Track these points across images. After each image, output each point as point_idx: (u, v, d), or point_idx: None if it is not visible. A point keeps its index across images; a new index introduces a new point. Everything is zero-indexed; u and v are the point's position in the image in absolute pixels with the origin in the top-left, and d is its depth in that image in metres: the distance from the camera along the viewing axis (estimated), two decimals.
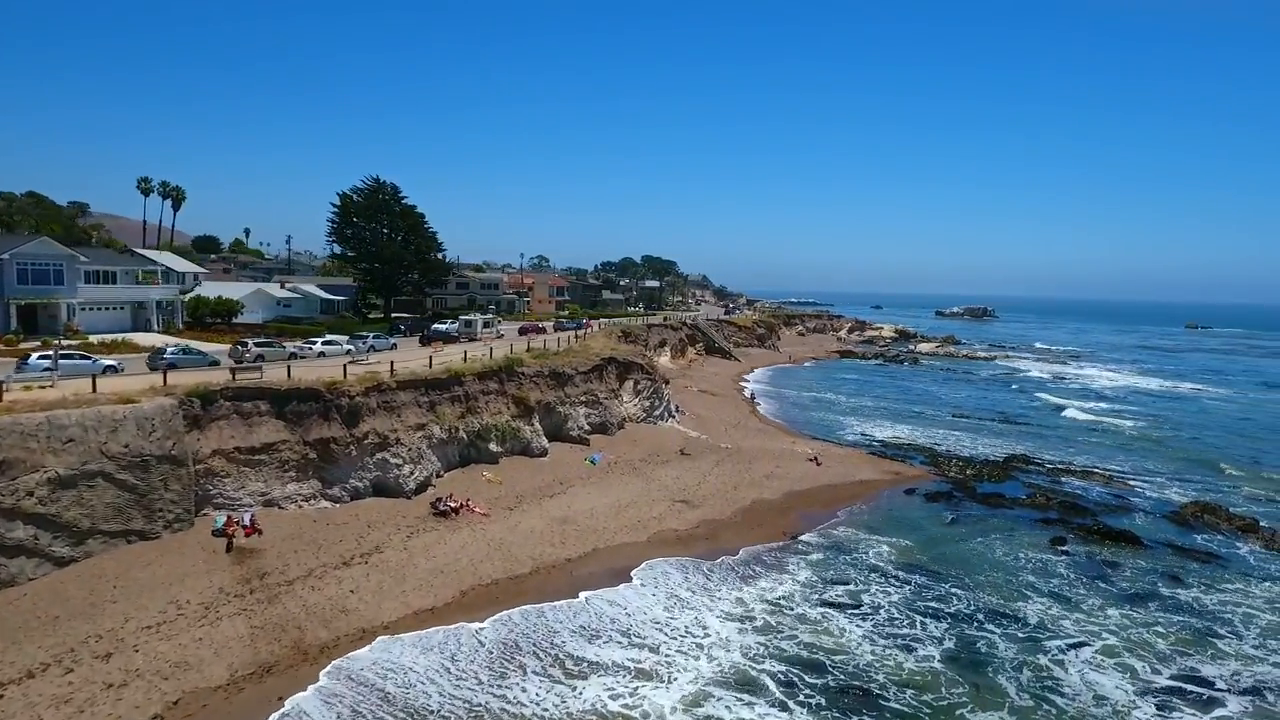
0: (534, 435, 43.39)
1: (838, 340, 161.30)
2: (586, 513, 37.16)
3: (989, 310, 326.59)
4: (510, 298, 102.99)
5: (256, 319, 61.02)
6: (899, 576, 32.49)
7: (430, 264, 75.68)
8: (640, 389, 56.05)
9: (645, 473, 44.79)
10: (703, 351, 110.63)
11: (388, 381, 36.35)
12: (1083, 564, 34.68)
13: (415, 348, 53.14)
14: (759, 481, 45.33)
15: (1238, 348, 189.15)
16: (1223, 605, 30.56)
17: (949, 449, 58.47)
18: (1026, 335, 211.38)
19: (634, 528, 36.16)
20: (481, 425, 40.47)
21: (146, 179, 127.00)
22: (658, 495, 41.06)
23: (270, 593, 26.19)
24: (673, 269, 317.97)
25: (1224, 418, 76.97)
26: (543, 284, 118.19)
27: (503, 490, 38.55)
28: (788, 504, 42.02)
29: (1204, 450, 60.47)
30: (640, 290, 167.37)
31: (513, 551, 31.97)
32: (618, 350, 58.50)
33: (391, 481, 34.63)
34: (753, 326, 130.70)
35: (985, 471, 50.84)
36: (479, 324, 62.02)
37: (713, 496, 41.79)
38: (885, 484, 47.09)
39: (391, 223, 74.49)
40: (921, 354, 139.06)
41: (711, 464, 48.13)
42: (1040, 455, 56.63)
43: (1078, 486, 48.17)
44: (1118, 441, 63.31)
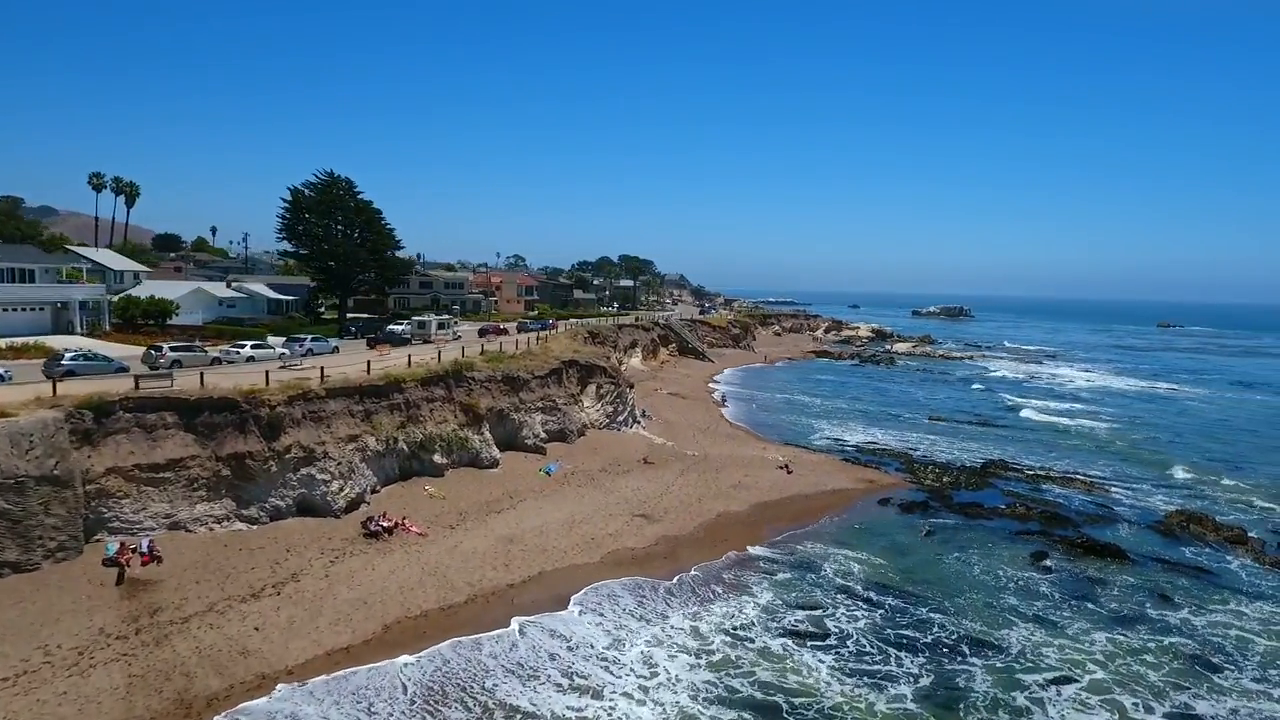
0: (484, 445, 40.41)
1: (814, 340, 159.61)
2: (536, 530, 34.27)
3: (965, 310, 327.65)
4: (476, 298, 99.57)
5: (196, 320, 57.42)
6: (870, 599, 29.97)
7: (387, 262, 72.18)
8: (603, 393, 53.24)
9: (604, 484, 41.99)
10: (676, 352, 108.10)
11: (316, 389, 33.20)
12: (1066, 582, 32.40)
13: (363, 351, 49.89)
14: (726, 492, 42.72)
15: (1209, 346, 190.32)
16: (1216, 629, 28.37)
17: (925, 454, 56.30)
18: (1002, 335, 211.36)
19: (587, 546, 33.34)
20: (425, 435, 37.44)
21: (99, 175, 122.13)
22: (616, 509, 38.27)
23: (160, 632, 23.03)
24: (649, 268, 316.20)
25: (1202, 419, 75.77)
26: (511, 283, 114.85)
27: (445, 506, 35.55)
28: (755, 517, 39.44)
29: (1185, 454, 58.84)
30: (614, 290, 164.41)
31: (449, 577, 29.02)
32: (580, 352, 55.66)
33: (318, 499, 31.52)
34: (727, 326, 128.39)
35: (963, 478, 48.65)
36: (433, 325, 58.78)
37: (675, 509, 39.09)
38: (858, 493, 44.69)
39: (346, 219, 70.97)
40: (898, 354, 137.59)
41: (676, 473, 45.44)
42: (1019, 460, 54.62)
43: (1059, 494, 46.09)
44: (1097, 445, 61.57)
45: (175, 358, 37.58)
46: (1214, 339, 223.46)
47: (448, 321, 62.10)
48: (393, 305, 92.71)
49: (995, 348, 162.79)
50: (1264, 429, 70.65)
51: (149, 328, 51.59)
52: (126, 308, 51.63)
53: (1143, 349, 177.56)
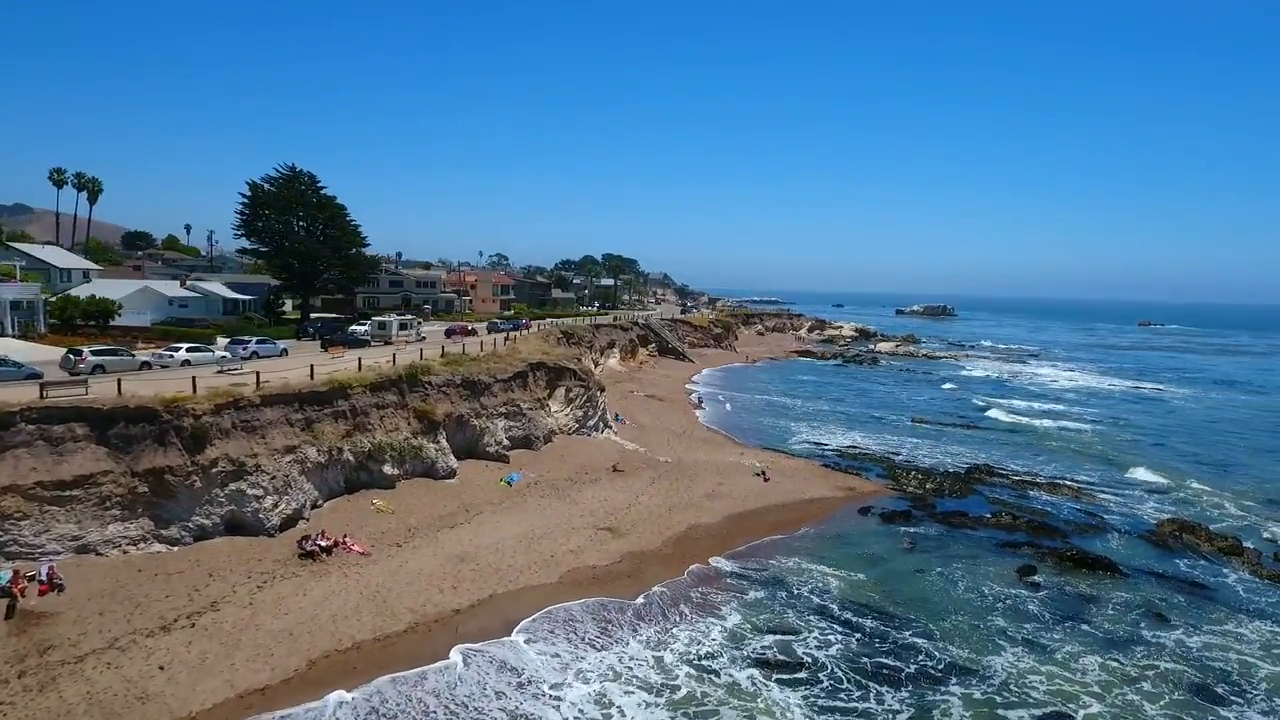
0: (439, 454, 37.88)
1: (797, 340, 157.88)
2: (490, 547, 31.81)
3: (948, 309, 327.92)
4: (449, 297, 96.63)
5: (144, 321, 54.36)
6: (847, 621, 27.78)
7: (351, 260, 69.25)
8: (572, 397, 50.81)
9: (569, 494, 39.58)
10: (655, 353, 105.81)
11: (250, 396, 30.53)
12: (1056, 600, 30.38)
13: (317, 354, 47.11)
14: (698, 502, 40.44)
15: (1189, 345, 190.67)
16: (1217, 652, 26.43)
17: (908, 458, 54.36)
18: (985, 334, 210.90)
19: (545, 565, 30.92)
20: (373, 444, 34.86)
21: (60, 170, 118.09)
22: (579, 522, 35.88)
23: (47, 675, 20.39)
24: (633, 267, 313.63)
25: (1188, 420, 74.45)
26: (486, 283, 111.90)
27: (394, 521, 33.01)
28: (728, 529, 37.18)
29: (1173, 457, 57.32)
30: (595, 289, 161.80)
31: (390, 602, 26.51)
32: (550, 354, 53.19)
33: (249, 517, 28.90)
34: (709, 326, 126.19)
35: (946, 485, 46.70)
36: (394, 326, 56.05)
37: (643, 522, 36.76)
38: (838, 502, 42.57)
39: (308, 215, 68.05)
40: (881, 353, 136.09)
41: (647, 482, 43.11)
42: (1004, 465, 52.77)
43: (1046, 501, 44.24)
44: (1083, 448, 59.89)
45: (97, 362, 34.65)
46: (1193, 337, 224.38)
47: (410, 322, 59.29)
48: (362, 305, 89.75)
49: (978, 347, 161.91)
50: (1250, 430, 69.39)
51: (89, 329, 48.55)
52: (64, 308, 48.57)
53: (1124, 347, 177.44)
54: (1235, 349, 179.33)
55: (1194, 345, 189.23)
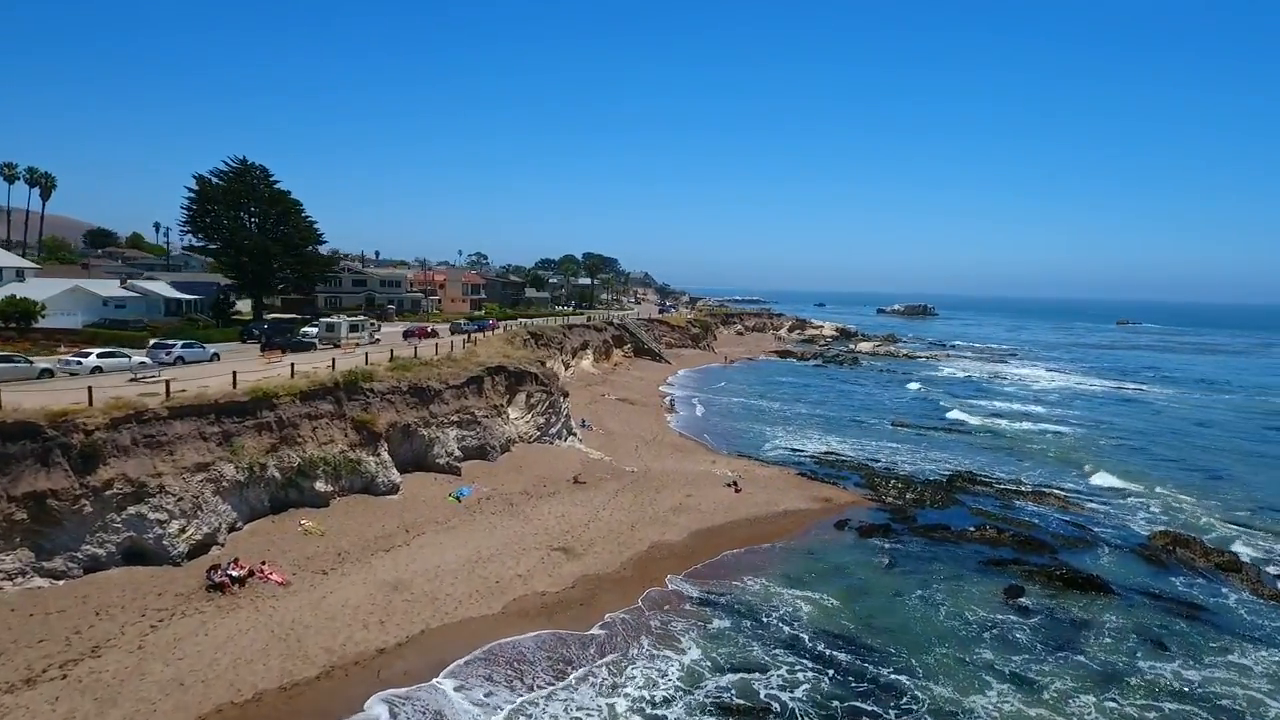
0: (380, 468, 34.82)
1: (777, 339, 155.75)
2: (429, 573, 28.83)
3: (928, 308, 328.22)
4: (415, 297, 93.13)
5: (74, 323, 50.73)
6: (819, 655, 25.12)
7: (305, 258, 65.72)
8: (534, 403, 47.87)
9: (523, 510, 36.65)
10: (631, 354, 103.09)
11: (155, 409, 27.33)
12: (1046, 626, 27.92)
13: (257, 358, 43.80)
14: (663, 517, 37.68)
15: (1168, 344, 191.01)
16: (1221, 686, 24.05)
17: (888, 465, 51.99)
18: (965, 333, 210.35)
19: (488, 592, 27.99)
20: (304, 459, 31.75)
21: (11, 165, 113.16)
22: (532, 541, 32.97)
23: None
24: (613, 266, 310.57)
25: (1173, 422, 72.73)
26: (456, 281, 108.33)
27: (323, 545, 29.92)
28: (693, 547, 34.44)
29: (1160, 462, 55.40)
30: (572, 289, 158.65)
31: (304, 641, 23.47)
32: (511, 357, 50.20)
33: (151, 544, 25.75)
34: (686, 326, 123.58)
35: (927, 495, 44.28)
36: (343, 327, 52.71)
37: (602, 540, 33.92)
38: (813, 515, 39.99)
39: (260, 210, 64.50)
40: (861, 354, 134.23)
41: (609, 494, 40.29)
42: (987, 472, 50.51)
43: (1031, 512, 41.94)
44: (1067, 452, 57.82)
45: None
46: (1171, 336, 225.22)
47: (363, 323, 55.94)
48: (323, 305, 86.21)
49: (959, 346, 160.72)
50: (1234, 433, 67.75)
51: (8, 332, 44.92)
52: None
53: (1104, 347, 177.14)
54: (1213, 348, 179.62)
55: (1172, 344, 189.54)
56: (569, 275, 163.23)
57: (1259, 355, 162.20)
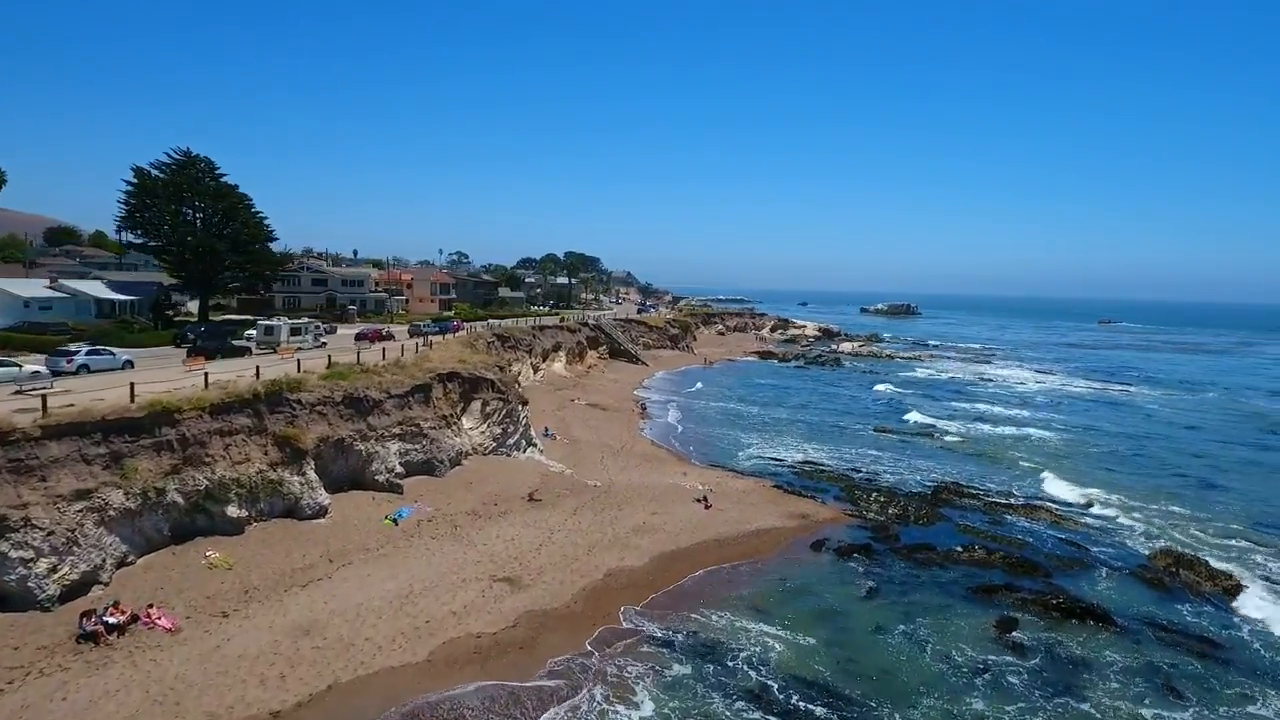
0: (306, 488, 31.24)
1: (759, 340, 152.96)
2: (349, 612, 25.34)
3: (912, 307, 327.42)
4: (379, 297, 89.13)
5: None
6: (791, 711, 21.92)
7: (253, 256, 61.74)
8: (490, 412, 44.42)
9: (468, 533, 33.19)
10: (606, 355, 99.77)
11: (26, 428, 23.63)
12: (1044, 667, 24.88)
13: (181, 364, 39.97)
14: (624, 539, 34.37)
15: (1150, 343, 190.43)
16: None
17: (869, 475, 49.04)
18: (948, 333, 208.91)
19: (415, 635, 24.54)
20: (212, 481, 28.13)
21: None
22: (474, 571, 29.54)
23: None
24: (594, 265, 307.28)
25: (1164, 426, 70.33)
26: (424, 281, 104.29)
27: (229, 580, 26.33)
28: (655, 574, 31.16)
29: (1154, 470, 52.84)
30: (550, 288, 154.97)
31: (185, 703, 19.92)
32: (467, 362, 46.69)
33: (14, 587, 22.09)
34: (665, 326, 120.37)
35: (911, 509, 41.30)
36: (283, 331, 48.88)
37: (553, 568, 30.55)
38: (788, 534, 36.84)
39: (205, 205, 60.50)
40: (843, 354, 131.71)
41: (567, 513, 36.92)
42: (974, 483, 47.63)
43: (1022, 528, 39.05)
44: (1056, 460, 55.09)
45: None
46: (1153, 335, 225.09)
47: (306, 326, 52.05)
48: (281, 305, 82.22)
49: (942, 346, 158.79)
50: (1226, 437, 65.46)
51: None
52: None
53: (1088, 346, 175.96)
54: (1195, 347, 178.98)
55: (1154, 344, 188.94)
56: (547, 274, 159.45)
57: (1240, 355, 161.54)
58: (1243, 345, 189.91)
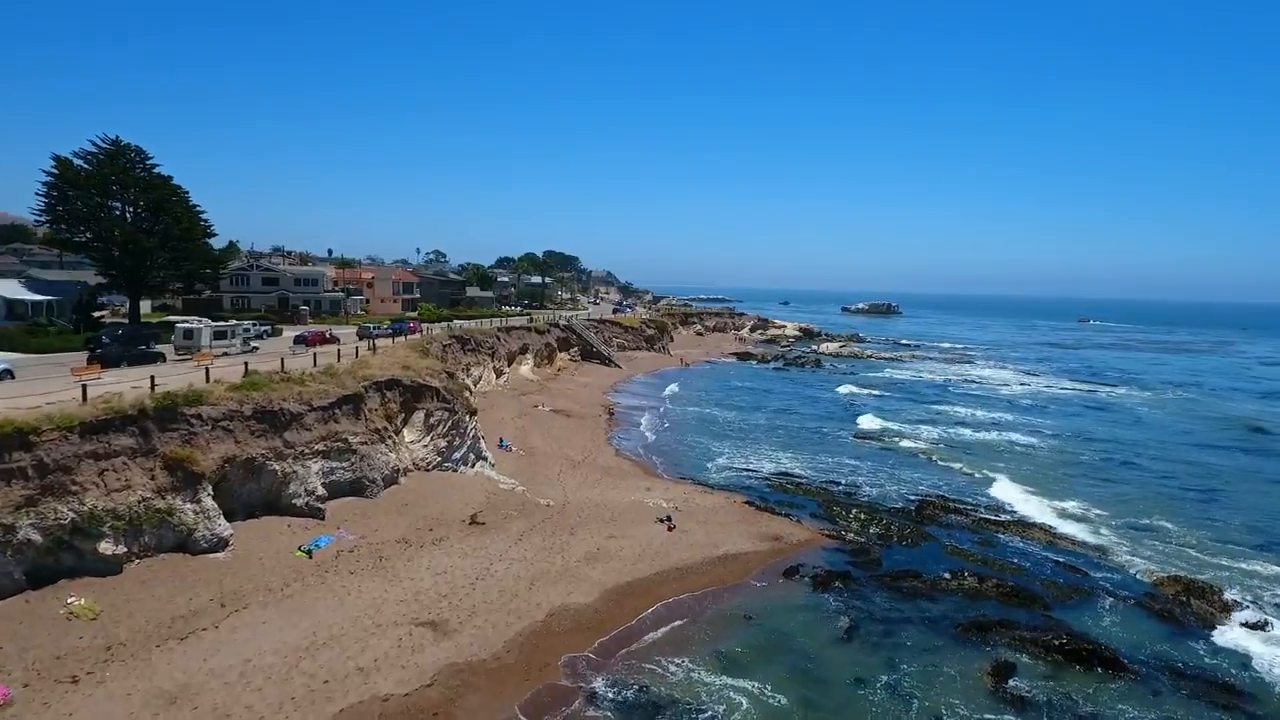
0: (201, 518, 27.08)
1: (738, 340, 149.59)
2: (232, 671, 21.27)
3: (893, 306, 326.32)
4: (334, 297, 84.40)
5: None
6: None
7: (187, 252, 57.08)
8: (434, 424, 40.39)
9: (394, 565, 29.17)
10: (578, 357, 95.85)
11: None
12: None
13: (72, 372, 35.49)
14: (574, 569, 30.53)
15: (1131, 342, 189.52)
16: None
17: (849, 487, 45.61)
18: (929, 332, 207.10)
19: (309, 701, 20.52)
20: (82, 513, 23.95)
21: None
22: (394, 613, 25.55)
23: None
24: (573, 264, 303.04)
25: (1155, 430, 67.56)
26: (385, 280, 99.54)
27: (91, 633, 22.16)
28: (605, 612, 27.37)
29: (1150, 480, 49.83)
30: (523, 287, 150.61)
31: None
32: (412, 368, 42.60)
33: None
34: (640, 327, 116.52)
35: (894, 528, 37.83)
36: (204, 334, 44.45)
37: (487, 607, 26.64)
38: (759, 560, 33.19)
39: (134, 197, 55.84)
40: (824, 355, 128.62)
41: (512, 539, 33.00)
42: (961, 497, 44.31)
43: (1014, 549, 35.68)
44: (1046, 470, 51.98)
45: None
46: (1133, 334, 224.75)
47: (234, 329, 47.47)
48: (228, 306, 77.50)
49: (924, 346, 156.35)
50: (1221, 444, 62.73)
51: None
52: None
53: (1069, 346, 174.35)
54: (1177, 347, 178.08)
55: (1136, 343, 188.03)
56: (520, 273, 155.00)
57: (1220, 354, 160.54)
58: (1221, 344, 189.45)
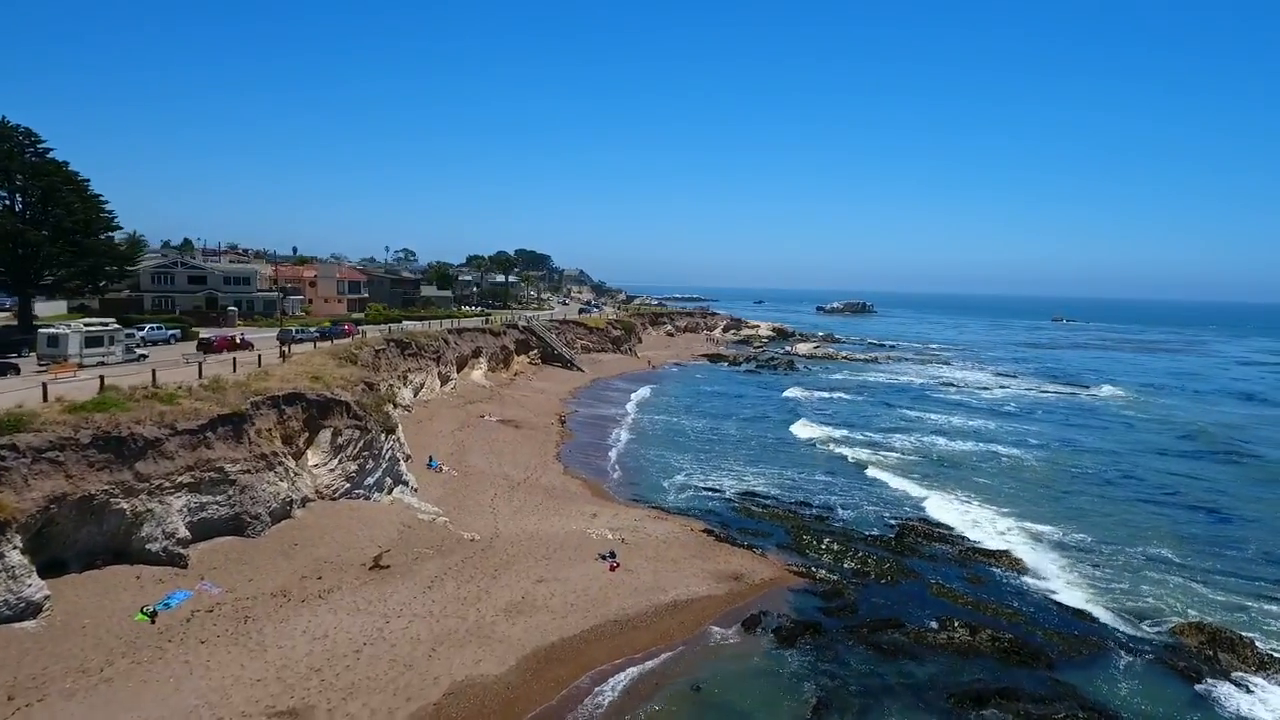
0: (4, 578, 21.37)
1: (709, 341, 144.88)
2: None
3: (867, 305, 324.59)
4: (268, 297, 77.79)
5: None
6: None
7: (83, 247, 50.65)
8: (342, 444, 34.85)
9: (261, 629, 23.63)
10: (538, 360, 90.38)
11: None
12: None
13: None
14: (489, 626, 25.23)
15: (1108, 342, 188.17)
16: None
17: (821, 509, 41.00)
18: (904, 331, 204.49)
19: None
20: None
21: None
22: (241, 703, 20.04)
23: None
24: (545, 262, 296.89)
25: (1152, 437, 63.28)
26: (329, 278, 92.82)
27: None
28: (519, 687, 22.14)
29: (1154, 494, 45.86)
30: (486, 286, 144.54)
31: None
32: (322, 379, 37.00)
33: None
34: (606, 328, 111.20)
35: (871, 561, 33.11)
36: (72, 341, 38.37)
37: (369, 686, 21.25)
38: (715, 607, 28.18)
39: (21, 185, 49.47)
40: (798, 356, 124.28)
41: (420, 586, 27.62)
42: (945, 520, 39.72)
43: (1008, 589, 31.07)
44: (1035, 488, 47.53)
45: None
46: (1108, 333, 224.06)
47: (115, 334, 41.19)
48: (150, 307, 70.99)
49: (900, 346, 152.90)
50: (1221, 456, 58.57)
51: None
52: None
53: (1045, 346, 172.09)
54: (1152, 346, 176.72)
55: (1112, 342, 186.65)
56: (484, 272, 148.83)
57: (1197, 353, 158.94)
58: (1195, 343, 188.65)
